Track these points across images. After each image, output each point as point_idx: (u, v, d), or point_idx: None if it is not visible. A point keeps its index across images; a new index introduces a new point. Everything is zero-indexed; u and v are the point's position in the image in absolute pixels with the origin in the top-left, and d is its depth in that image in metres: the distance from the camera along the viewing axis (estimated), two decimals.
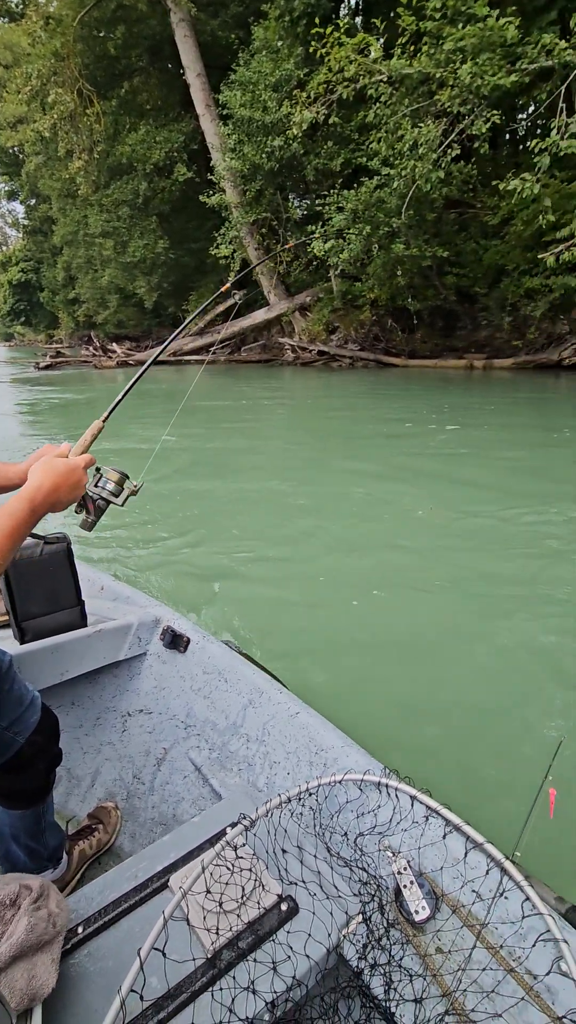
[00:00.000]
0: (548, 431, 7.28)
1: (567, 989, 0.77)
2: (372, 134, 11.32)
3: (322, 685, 2.37)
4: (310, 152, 14.41)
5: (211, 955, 0.85)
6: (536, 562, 3.43)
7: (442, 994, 0.84)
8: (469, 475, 5.38)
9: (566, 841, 1.54)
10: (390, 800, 1.05)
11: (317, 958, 0.87)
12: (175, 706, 1.52)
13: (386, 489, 5.03)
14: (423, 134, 9.49)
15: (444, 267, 14.25)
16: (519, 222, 12.35)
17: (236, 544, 3.97)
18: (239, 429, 8.48)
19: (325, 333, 17.32)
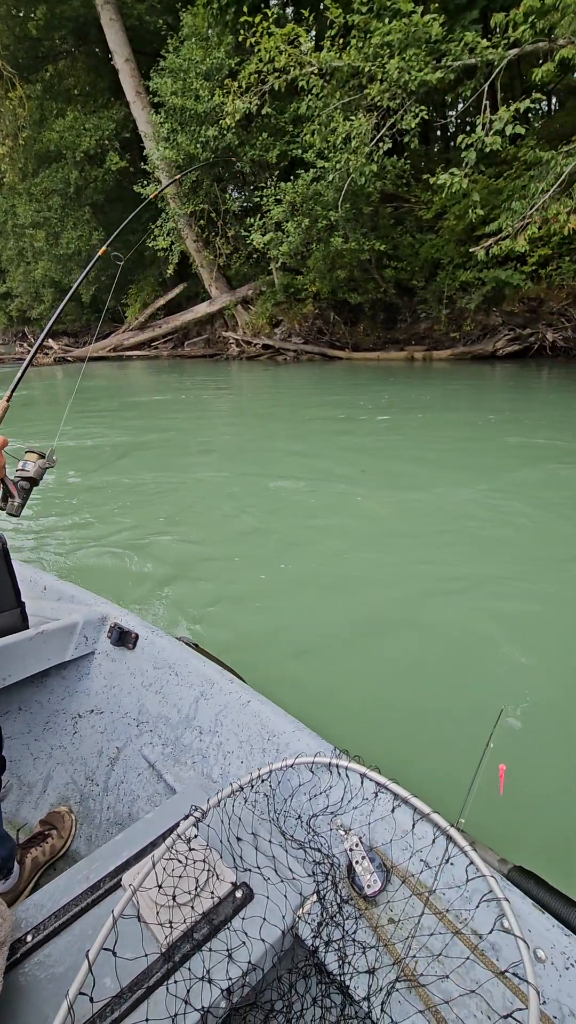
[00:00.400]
0: (474, 417, 7.57)
1: (509, 945, 0.80)
2: (306, 126, 11.32)
3: (270, 671, 2.37)
4: (245, 143, 14.26)
5: (165, 949, 0.85)
6: (468, 541, 3.55)
7: (393, 962, 0.86)
8: (399, 458, 5.58)
9: (509, 805, 1.60)
10: (341, 779, 1.07)
11: (272, 941, 0.88)
12: (126, 703, 1.50)
13: (326, 476, 5.08)
14: (355, 127, 9.56)
15: (383, 261, 14.48)
16: (451, 217, 12.70)
17: (167, 533, 3.97)
18: (178, 423, 8.35)
19: (269, 327, 17.26)
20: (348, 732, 1.94)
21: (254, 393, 11.68)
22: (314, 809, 1.08)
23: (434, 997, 0.81)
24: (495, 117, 8.28)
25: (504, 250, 8.98)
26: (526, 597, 2.89)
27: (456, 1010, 0.79)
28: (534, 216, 8.64)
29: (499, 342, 13.31)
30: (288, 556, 3.54)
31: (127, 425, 8.21)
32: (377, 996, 0.84)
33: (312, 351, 16.26)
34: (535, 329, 12.89)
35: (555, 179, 8.43)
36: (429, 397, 9.49)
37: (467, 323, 13.99)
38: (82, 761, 1.54)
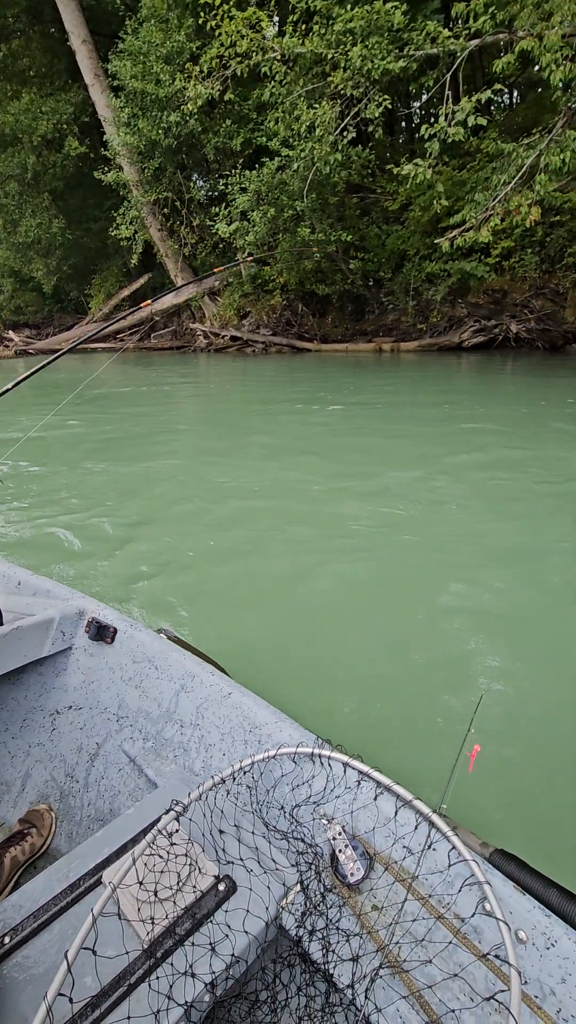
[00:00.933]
0: (428, 407, 7.66)
1: (491, 928, 0.81)
2: (270, 114, 11.17)
3: (254, 662, 2.36)
4: (209, 130, 14.00)
5: (147, 946, 0.85)
6: (435, 522, 3.57)
7: (377, 949, 0.86)
8: (357, 446, 5.66)
9: (491, 789, 1.62)
10: (324, 769, 1.06)
11: (256, 932, 0.88)
12: (106, 699, 1.48)
13: (290, 465, 5.07)
14: (319, 116, 9.46)
15: (350, 252, 14.46)
16: (417, 208, 12.75)
17: (112, 515, 4.03)
18: (146, 415, 8.20)
19: (237, 318, 17.08)
20: (330, 721, 1.96)
21: (219, 384, 11.54)
22: (297, 799, 1.07)
23: (417, 982, 0.82)
24: (457, 108, 8.30)
25: (468, 242, 9.04)
26: (478, 569, 2.93)
27: (439, 994, 0.80)
28: (496, 208, 8.73)
29: (464, 334, 13.47)
30: (242, 540, 3.58)
31: (87, 417, 8.06)
32: (361, 983, 0.84)
33: (281, 343, 16.17)
34: (499, 321, 13.08)
35: (516, 171, 8.52)
36: (391, 387, 9.55)
37: (434, 315, 14.11)
38: (61, 758, 1.51)
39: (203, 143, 14.25)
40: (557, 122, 8.57)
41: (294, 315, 16.40)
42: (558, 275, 12.00)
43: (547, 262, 12.10)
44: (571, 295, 11.99)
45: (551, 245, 11.88)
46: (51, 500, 4.46)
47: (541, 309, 12.47)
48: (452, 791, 1.00)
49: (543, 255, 12.06)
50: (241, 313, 17.05)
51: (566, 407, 7.24)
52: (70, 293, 23.21)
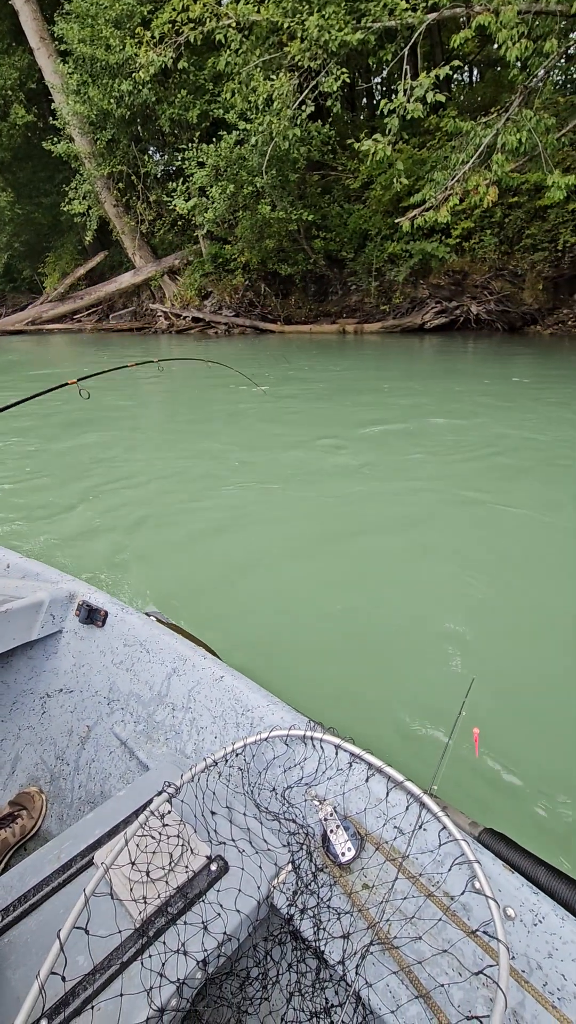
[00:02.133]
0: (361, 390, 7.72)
1: (480, 905, 0.82)
2: (226, 84, 10.82)
3: (249, 651, 2.33)
4: (163, 100, 13.48)
5: (139, 925, 0.86)
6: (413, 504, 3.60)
7: (367, 926, 0.87)
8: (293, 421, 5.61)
9: (480, 770, 1.64)
10: (315, 751, 1.07)
11: (248, 911, 0.89)
12: (96, 682, 1.48)
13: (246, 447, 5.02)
14: (276, 88, 9.22)
15: (311, 231, 14.27)
16: (378, 187, 12.65)
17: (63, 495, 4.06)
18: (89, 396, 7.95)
19: (198, 299, 16.70)
20: (323, 705, 1.94)
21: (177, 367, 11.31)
22: (289, 781, 1.08)
23: (407, 958, 0.83)
24: (416, 83, 8.20)
25: (428, 221, 9.04)
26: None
27: (429, 969, 0.81)
28: (455, 187, 8.72)
29: (427, 315, 13.54)
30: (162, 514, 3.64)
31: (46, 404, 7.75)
32: (352, 959, 0.85)
33: (244, 324, 15.91)
34: (461, 302, 13.19)
35: (474, 150, 8.52)
36: (343, 367, 9.54)
37: (396, 296, 14.11)
38: (51, 741, 1.52)
39: (158, 114, 13.73)
40: (513, 101, 8.58)
41: (257, 296, 16.14)
42: (516, 256, 12.14)
43: (506, 243, 12.22)
44: (529, 277, 12.17)
45: (509, 226, 11.99)
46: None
47: (500, 291, 12.63)
48: (442, 772, 1.02)
49: (502, 236, 12.17)
50: (203, 293, 16.68)
51: (510, 383, 7.43)
52: (23, 272, 22.23)
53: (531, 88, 8.69)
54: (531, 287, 12.28)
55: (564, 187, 8.21)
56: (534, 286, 12.23)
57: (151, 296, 17.92)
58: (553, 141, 8.52)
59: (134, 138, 15.11)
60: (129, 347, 14.15)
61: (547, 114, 8.96)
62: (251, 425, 5.96)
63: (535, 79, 8.69)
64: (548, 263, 11.75)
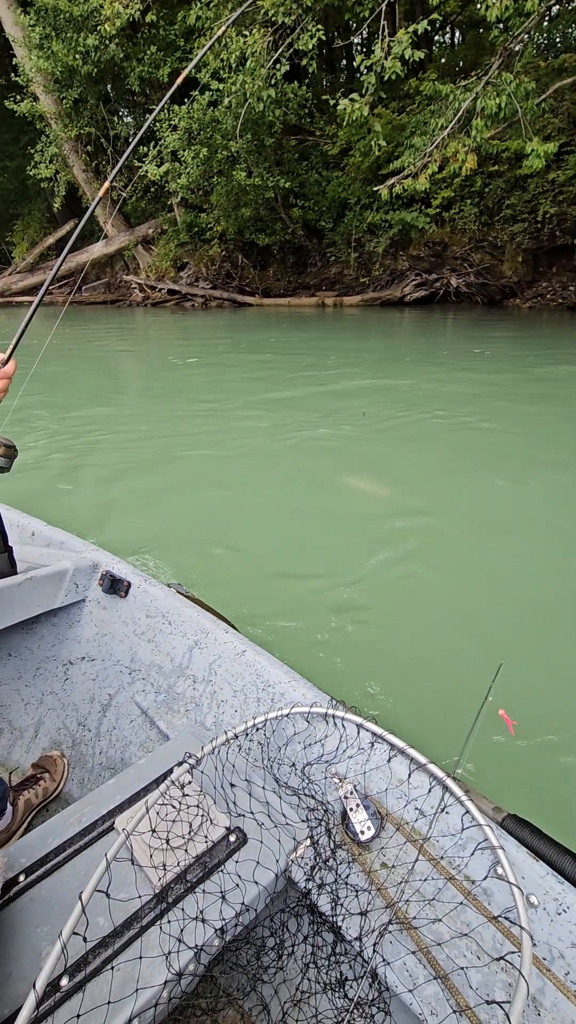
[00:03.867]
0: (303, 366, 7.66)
1: (502, 891, 0.82)
2: (197, 41, 10.32)
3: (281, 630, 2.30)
4: (132, 57, 12.84)
5: (159, 890, 0.87)
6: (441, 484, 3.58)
7: (386, 905, 0.87)
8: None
9: (504, 755, 1.61)
10: (337, 730, 1.07)
11: (265, 883, 0.90)
12: (118, 651, 1.50)
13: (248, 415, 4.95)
14: (250, 45, 8.82)
15: (289, 199, 13.88)
16: (357, 153, 12.30)
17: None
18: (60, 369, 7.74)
19: (174, 270, 16.23)
20: (345, 684, 1.94)
21: (159, 342, 11.04)
22: (309, 757, 1.08)
23: (426, 939, 0.83)
24: (394, 40, 7.90)
25: (407, 190, 8.82)
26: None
27: (447, 951, 0.81)
28: (434, 154, 8.51)
29: (407, 288, 13.37)
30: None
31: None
32: (369, 936, 0.86)
33: (221, 297, 15.55)
34: (440, 275, 13.04)
35: (453, 115, 8.29)
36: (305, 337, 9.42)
37: (376, 268, 13.89)
38: (74, 707, 1.55)
39: (127, 72, 13.08)
40: (493, 63, 8.34)
41: (234, 267, 15.74)
42: (496, 228, 11.99)
43: (486, 214, 12.04)
44: (508, 249, 12.05)
45: (489, 196, 11.81)
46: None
47: (480, 263, 12.49)
48: (466, 756, 1.02)
49: (482, 206, 11.99)
50: (178, 264, 16.20)
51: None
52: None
53: (511, 51, 8.45)
54: (511, 259, 12.17)
55: (543, 155, 8.08)
56: (513, 258, 12.12)
57: (125, 267, 17.37)
58: (533, 107, 8.33)
59: (102, 97, 14.42)
60: (105, 321, 13.74)
61: (527, 78, 8.75)
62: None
63: (516, 41, 8.45)
64: (528, 235, 11.64)
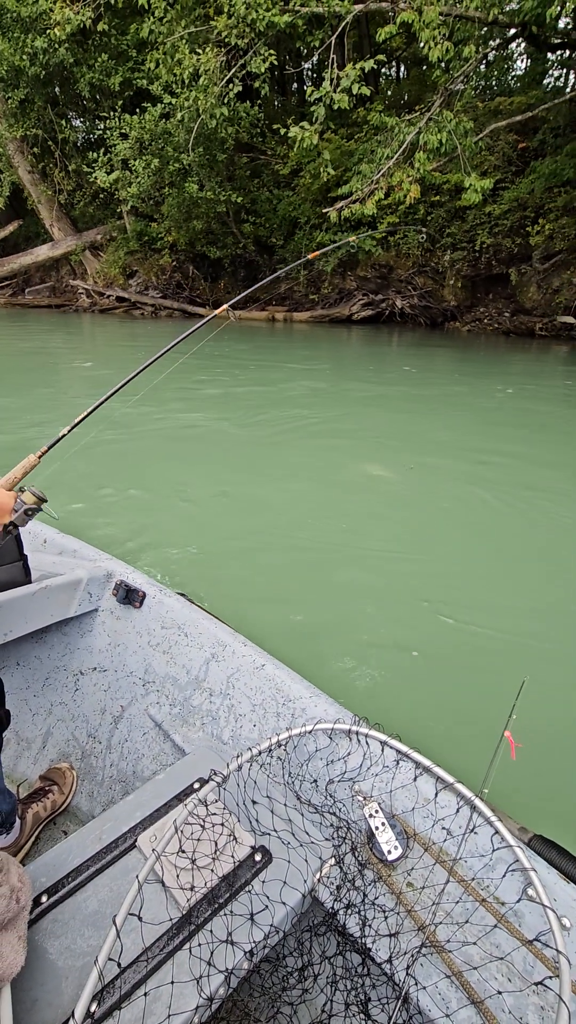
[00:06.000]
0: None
1: (534, 913, 0.81)
2: (150, 54, 10.36)
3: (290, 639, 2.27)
4: (83, 63, 12.70)
5: (186, 912, 0.85)
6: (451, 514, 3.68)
7: (417, 928, 0.86)
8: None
9: (527, 774, 1.60)
10: (360, 747, 1.05)
11: (292, 903, 0.88)
12: (132, 662, 1.47)
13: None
14: (203, 63, 8.95)
15: (240, 214, 14.05)
16: (307, 175, 12.64)
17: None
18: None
19: (123, 277, 16.02)
20: (366, 701, 1.91)
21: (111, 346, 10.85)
22: (331, 775, 1.06)
23: (458, 962, 0.81)
24: (342, 74, 8.24)
25: (355, 214, 9.16)
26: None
27: (481, 974, 0.80)
28: (381, 182, 8.89)
29: (354, 306, 13.79)
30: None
31: None
32: (400, 959, 0.84)
33: (171, 307, 15.47)
34: (386, 295, 13.54)
35: (399, 146, 8.71)
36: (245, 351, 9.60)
37: (325, 286, 14.25)
38: (84, 718, 1.51)
39: (77, 77, 12.92)
40: (435, 101, 8.85)
41: (185, 278, 15.72)
42: (438, 254, 12.61)
43: (428, 240, 12.64)
44: (449, 275, 12.69)
45: (431, 224, 12.42)
46: None
47: (423, 287, 13.08)
48: (493, 776, 1.00)
49: (425, 233, 12.58)
50: (127, 272, 16.01)
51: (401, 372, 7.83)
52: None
53: (451, 91, 8.99)
54: (451, 285, 12.82)
55: (480, 190, 8.61)
56: (453, 284, 12.77)
57: (71, 272, 16.98)
58: (471, 144, 8.89)
59: (50, 100, 14.15)
60: (49, 325, 13.36)
61: (466, 117, 9.33)
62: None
63: (455, 82, 9.01)
64: (466, 262, 12.30)
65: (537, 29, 8.12)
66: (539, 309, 11.76)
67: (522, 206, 11.19)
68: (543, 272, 11.34)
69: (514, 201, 11.17)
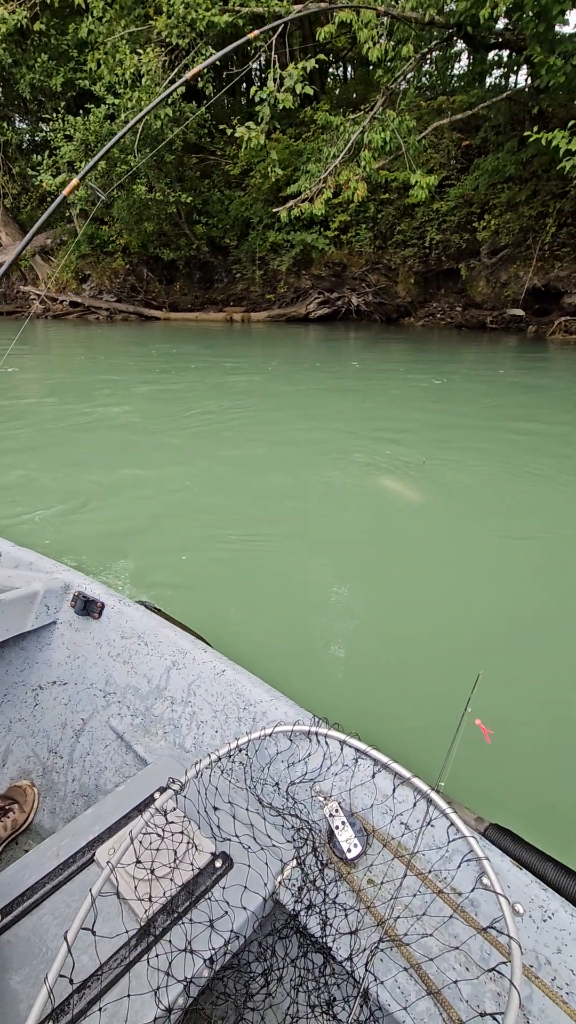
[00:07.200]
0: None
1: (488, 901, 0.83)
2: (91, 54, 10.20)
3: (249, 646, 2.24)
4: (22, 63, 12.42)
5: (144, 923, 0.84)
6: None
7: (376, 923, 0.87)
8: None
9: (484, 764, 1.65)
10: (320, 747, 1.06)
11: (254, 908, 0.88)
12: (92, 675, 1.45)
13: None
14: (144, 63, 8.86)
15: (192, 215, 13.97)
16: (257, 175, 12.66)
17: None
18: None
19: (76, 282, 15.74)
20: (325, 701, 1.87)
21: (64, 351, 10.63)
22: (292, 777, 1.07)
23: (416, 954, 0.83)
24: (286, 74, 8.29)
25: (305, 213, 9.23)
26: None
27: (438, 965, 0.81)
28: (329, 181, 8.98)
29: (311, 305, 13.88)
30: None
31: None
32: (360, 956, 0.85)
33: (127, 310, 15.28)
34: (341, 293, 13.67)
35: (344, 145, 8.82)
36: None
37: (281, 285, 14.30)
38: (44, 734, 1.49)
39: (17, 78, 12.62)
40: (378, 101, 8.99)
41: (139, 281, 15.54)
42: (390, 251, 12.80)
43: (380, 238, 12.83)
44: (401, 271, 12.90)
45: (382, 222, 12.60)
46: None
47: (377, 284, 13.26)
48: (449, 769, 1.02)
49: (376, 231, 12.76)
50: (80, 276, 15.73)
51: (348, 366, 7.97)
52: None
53: (393, 90, 9.15)
54: (403, 281, 13.03)
55: (426, 187, 8.78)
56: (406, 280, 12.99)
57: (22, 277, 16.58)
58: (415, 142, 9.06)
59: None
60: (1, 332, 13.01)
61: (410, 116, 9.51)
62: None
63: (397, 81, 9.17)
64: (417, 259, 12.53)
65: (472, 29, 8.33)
66: (489, 303, 12.07)
67: (468, 202, 11.47)
68: (491, 266, 11.64)
69: (460, 198, 11.45)
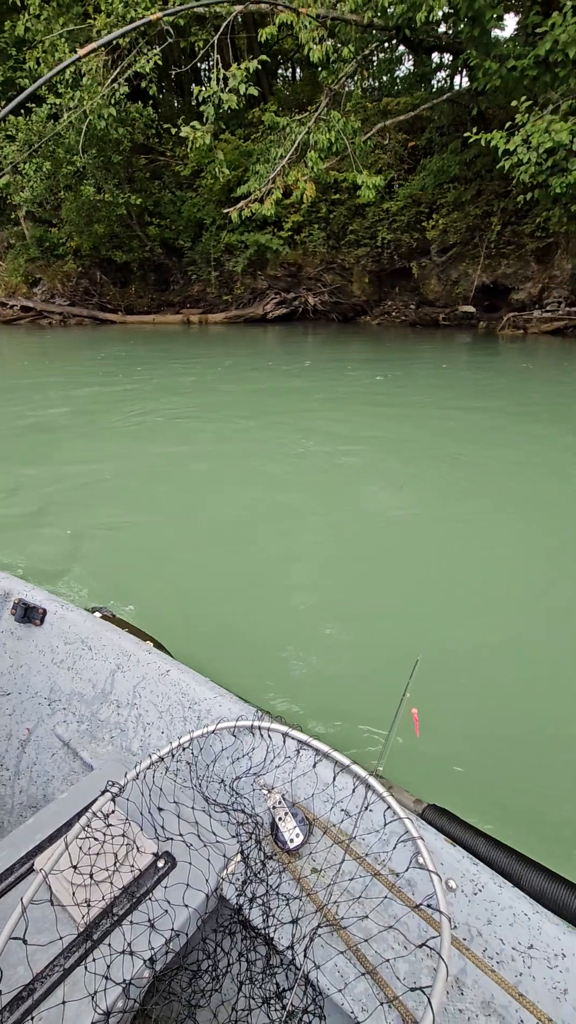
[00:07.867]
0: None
1: (424, 880, 0.85)
2: (29, 52, 9.96)
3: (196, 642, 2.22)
4: None
5: (83, 929, 0.83)
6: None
7: (316, 910, 0.88)
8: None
9: (424, 748, 1.67)
10: (263, 741, 1.07)
11: (196, 905, 0.88)
12: (36, 682, 1.42)
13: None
14: (84, 63, 8.69)
15: (145, 217, 13.80)
16: (208, 176, 12.58)
17: None
18: None
19: (26, 286, 15.34)
20: (269, 692, 1.90)
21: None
22: (237, 772, 1.08)
23: (354, 937, 0.84)
24: (229, 74, 8.26)
25: (256, 213, 9.21)
26: None
27: (375, 946, 0.83)
28: (277, 181, 8.99)
29: (268, 305, 13.88)
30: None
31: None
32: (300, 943, 0.85)
33: (81, 314, 14.98)
34: (298, 293, 13.72)
35: (291, 145, 8.84)
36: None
37: (237, 286, 14.25)
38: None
39: None
40: (322, 102, 9.05)
41: (93, 284, 15.25)
42: (343, 251, 12.91)
43: (333, 238, 12.92)
44: (355, 271, 13.03)
45: (334, 222, 12.70)
46: None
47: (332, 283, 13.36)
48: (388, 753, 1.03)
49: (328, 231, 12.85)
50: (31, 280, 15.34)
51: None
52: None
53: (337, 91, 9.23)
54: (358, 280, 13.17)
55: (373, 187, 8.88)
56: (360, 279, 13.13)
57: None
58: (361, 143, 9.16)
59: None
60: None
61: (355, 117, 9.61)
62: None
63: (341, 83, 9.25)
64: (370, 258, 12.67)
65: (411, 32, 8.47)
66: (441, 300, 12.31)
67: (416, 202, 11.67)
68: (441, 265, 11.87)
69: (409, 198, 11.63)
